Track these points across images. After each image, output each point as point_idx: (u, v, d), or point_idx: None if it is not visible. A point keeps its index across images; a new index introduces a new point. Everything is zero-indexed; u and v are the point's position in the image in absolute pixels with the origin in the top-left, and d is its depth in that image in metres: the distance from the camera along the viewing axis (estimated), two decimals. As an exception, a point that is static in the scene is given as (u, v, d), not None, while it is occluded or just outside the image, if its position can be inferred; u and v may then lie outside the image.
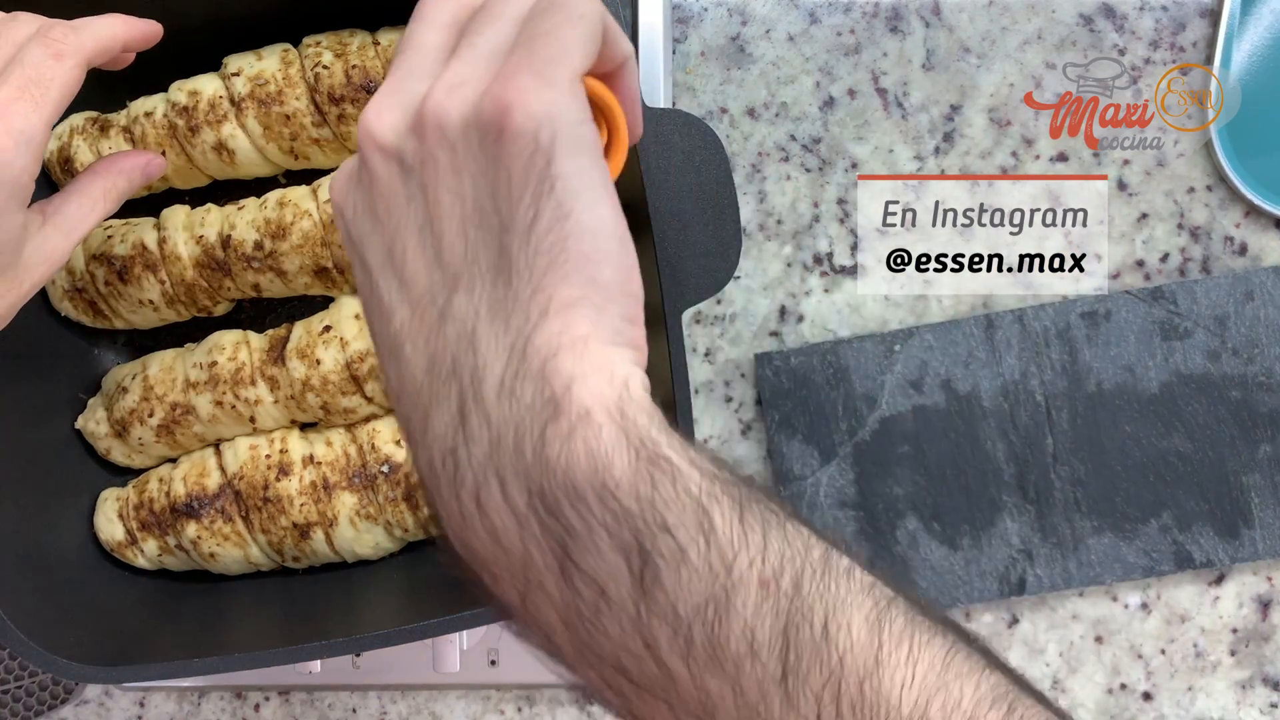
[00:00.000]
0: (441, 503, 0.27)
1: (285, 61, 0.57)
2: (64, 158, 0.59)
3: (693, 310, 0.69)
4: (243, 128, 0.57)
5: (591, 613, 0.25)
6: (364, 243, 0.28)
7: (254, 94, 0.57)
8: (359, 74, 0.56)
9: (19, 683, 0.71)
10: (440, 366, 0.25)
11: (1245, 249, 0.66)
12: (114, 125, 0.60)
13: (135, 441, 0.60)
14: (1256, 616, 0.65)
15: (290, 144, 0.57)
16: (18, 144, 0.39)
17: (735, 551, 0.25)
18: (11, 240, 0.40)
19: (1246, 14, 0.66)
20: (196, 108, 0.57)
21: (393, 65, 0.29)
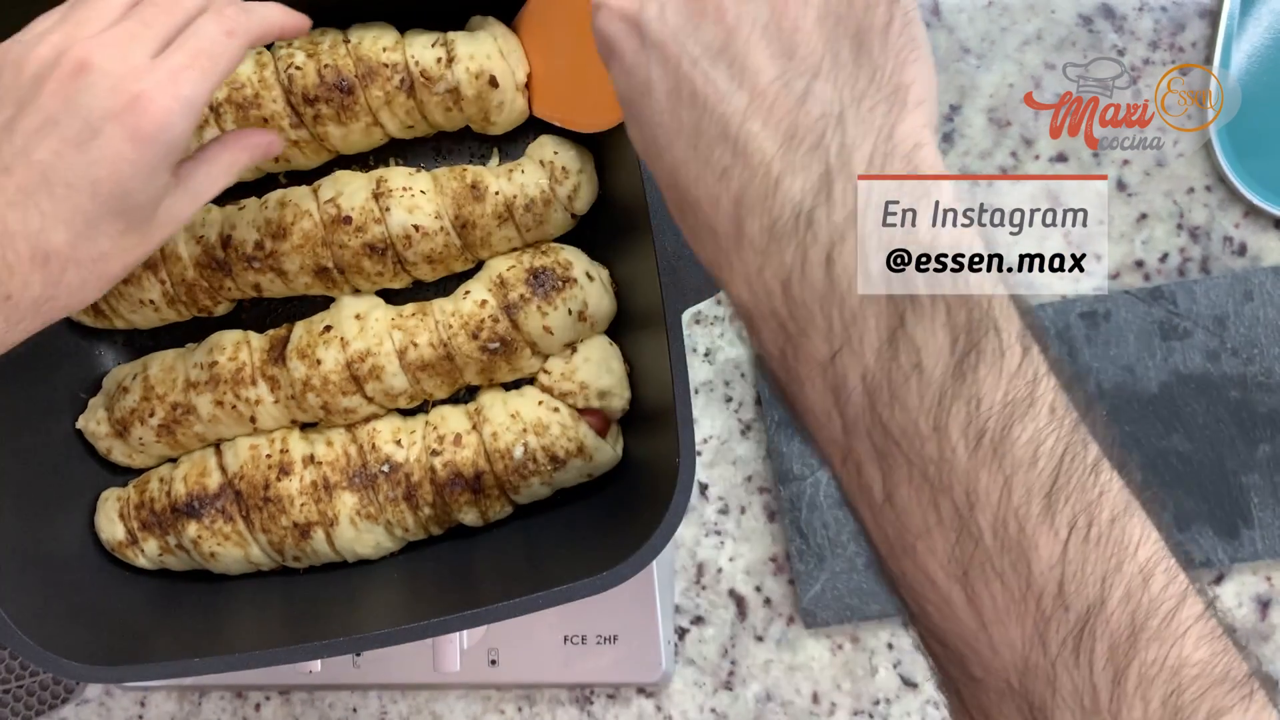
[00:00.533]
0: (769, 255, 0.29)
1: (260, 64, 0.57)
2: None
3: (693, 310, 0.69)
4: (220, 129, 0.57)
5: (900, 381, 0.27)
6: (678, 39, 0.30)
7: (231, 98, 0.57)
8: (331, 73, 0.56)
9: (20, 682, 0.71)
10: (801, 140, 0.28)
11: (1244, 249, 0.66)
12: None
13: (136, 441, 0.60)
14: (1255, 616, 0.65)
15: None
16: (184, 109, 0.40)
17: (1041, 375, 0.28)
18: (156, 198, 0.43)
19: (1246, 14, 0.66)
20: None
21: None
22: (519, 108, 0.58)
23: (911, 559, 0.29)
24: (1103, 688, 0.26)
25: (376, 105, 0.57)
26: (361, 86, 0.56)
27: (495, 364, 0.59)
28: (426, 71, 0.56)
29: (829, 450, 0.30)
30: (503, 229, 0.59)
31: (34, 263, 0.40)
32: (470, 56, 0.56)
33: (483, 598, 0.52)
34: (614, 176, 0.58)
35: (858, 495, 0.30)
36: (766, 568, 0.68)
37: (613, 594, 0.51)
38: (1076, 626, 0.27)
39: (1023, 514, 0.27)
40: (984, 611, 0.27)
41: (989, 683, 0.28)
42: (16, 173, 0.39)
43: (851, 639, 0.68)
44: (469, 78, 0.56)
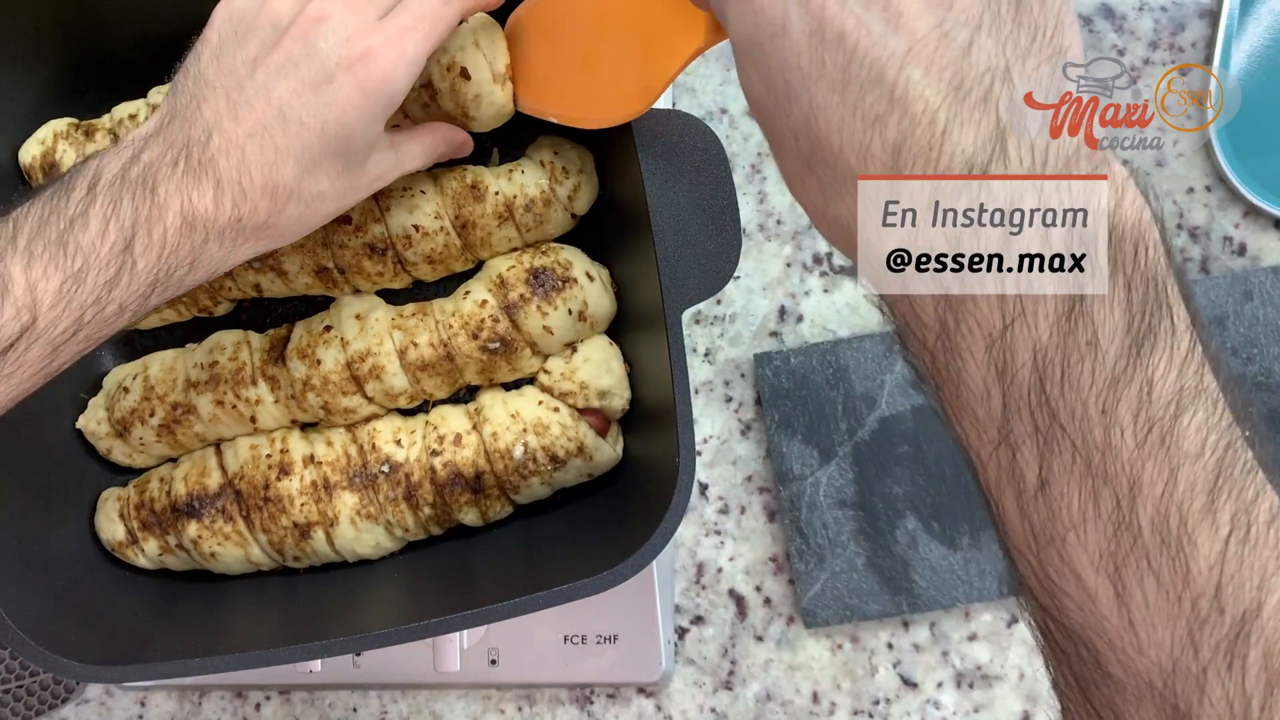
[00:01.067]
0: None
1: None
2: (49, 162, 0.59)
3: (693, 310, 0.69)
4: None
5: (1074, 360, 0.27)
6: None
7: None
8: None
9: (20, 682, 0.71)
10: (969, 92, 0.28)
11: (1244, 249, 0.67)
12: (99, 129, 0.60)
13: (136, 441, 0.61)
14: (1255, 616, 0.65)
15: None
16: (405, 65, 0.44)
17: (1208, 370, 0.27)
18: (370, 145, 0.46)
19: (1245, 14, 0.66)
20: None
21: None
22: (499, 101, 0.54)
23: (1058, 551, 0.28)
24: (1255, 696, 0.26)
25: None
26: None
27: (495, 364, 0.59)
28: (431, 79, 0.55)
29: (978, 434, 0.29)
30: (503, 229, 0.59)
31: (264, 191, 0.43)
32: (444, 49, 0.53)
33: (483, 598, 0.52)
34: (614, 176, 0.58)
35: (1005, 483, 0.28)
36: (766, 568, 0.68)
37: (613, 594, 0.51)
38: (1232, 631, 0.26)
39: (1185, 509, 0.26)
40: (1133, 610, 0.27)
41: (1128, 684, 0.27)
42: (257, 107, 0.43)
43: (851, 639, 0.68)
44: (440, 71, 0.53)
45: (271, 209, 0.44)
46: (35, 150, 0.60)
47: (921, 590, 0.65)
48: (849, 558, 0.66)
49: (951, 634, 0.67)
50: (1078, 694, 0.29)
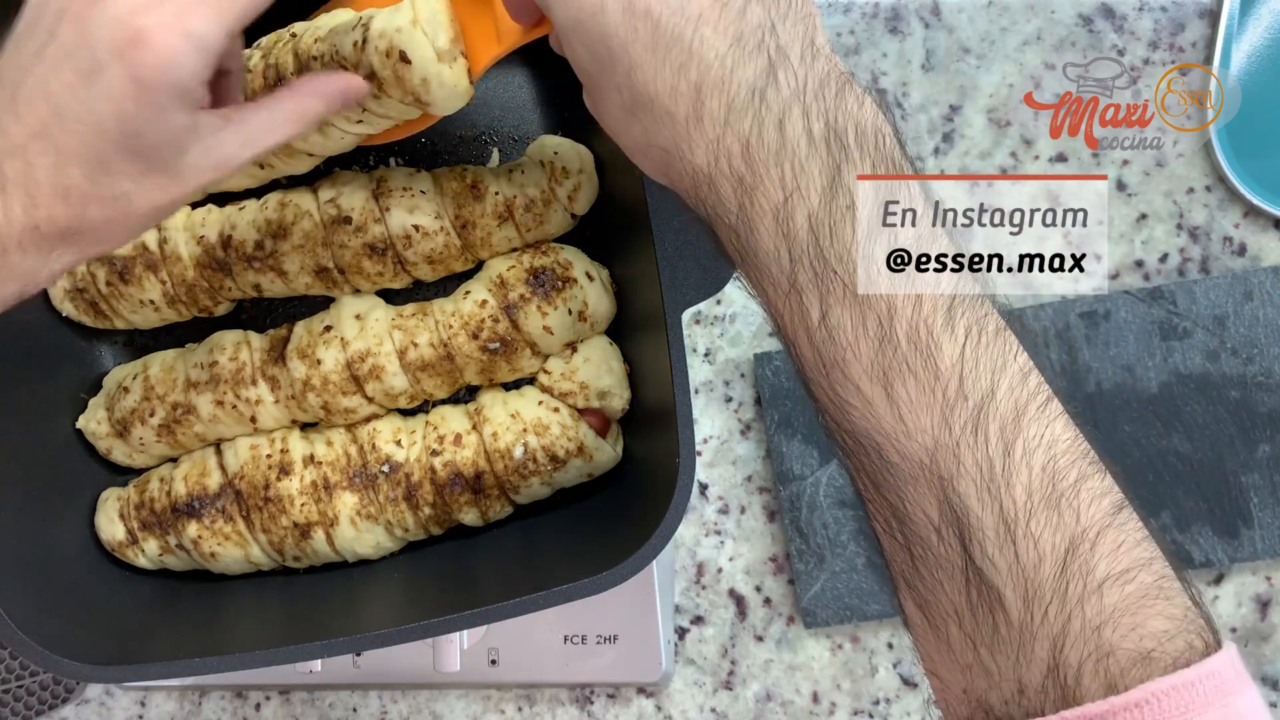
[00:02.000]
0: (729, 125, 0.36)
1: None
2: None
3: (693, 310, 0.69)
4: None
5: (838, 219, 0.35)
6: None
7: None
8: (271, 74, 0.52)
9: (20, 682, 0.71)
10: (746, 41, 0.36)
11: (1244, 249, 0.67)
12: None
13: (136, 441, 0.61)
14: (1255, 616, 0.65)
15: None
16: (190, 49, 0.38)
17: (941, 227, 0.37)
18: (176, 140, 0.40)
19: (1245, 14, 0.66)
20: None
21: None
22: (451, 81, 0.47)
23: (841, 370, 0.35)
24: (996, 459, 0.33)
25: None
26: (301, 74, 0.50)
27: (495, 364, 0.59)
28: (344, 58, 0.48)
29: (774, 288, 0.36)
30: (503, 229, 0.59)
31: (55, 196, 0.39)
32: (380, 33, 0.47)
33: (483, 598, 0.52)
34: (614, 176, 0.58)
35: (797, 324, 0.36)
36: (766, 568, 0.68)
37: (613, 594, 0.51)
38: (974, 411, 0.33)
39: (930, 322, 0.34)
40: (900, 405, 0.34)
41: (904, 467, 0.34)
42: (36, 105, 0.39)
43: (851, 639, 0.68)
44: (380, 59, 0.47)
45: (70, 214, 0.39)
46: None
47: (921, 590, 0.65)
48: (849, 558, 0.66)
49: (951, 634, 0.67)
50: (873, 491, 0.36)
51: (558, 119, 0.64)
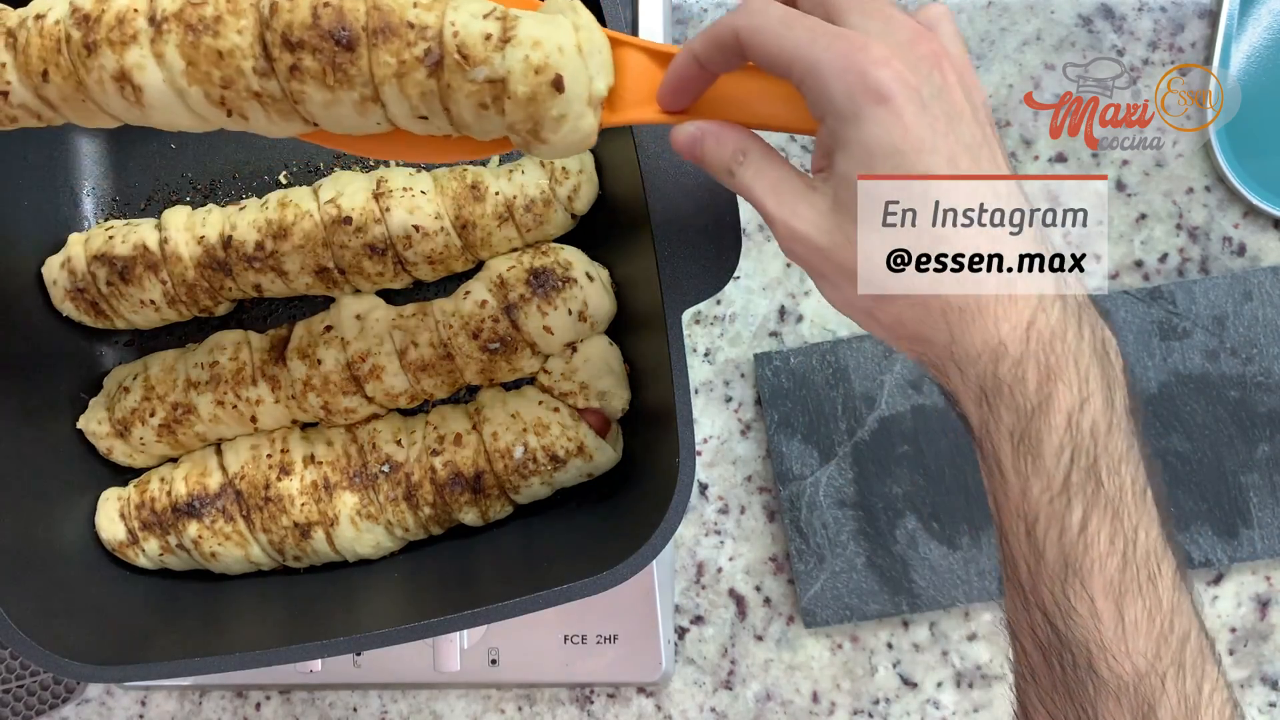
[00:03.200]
0: (1036, 320, 0.36)
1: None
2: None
3: (693, 310, 0.69)
4: (158, 58, 0.40)
5: (1114, 433, 0.36)
6: (953, 128, 0.37)
7: (183, 15, 0.40)
8: (331, 15, 0.39)
9: (20, 682, 0.71)
10: (974, 151, 0.36)
11: (1244, 249, 0.67)
12: (6, 25, 0.43)
13: (136, 441, 0.61)
14: (1255, 616, 0.65)
15: (221, 92, 0.41)
16: None
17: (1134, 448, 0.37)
18: None
19: (1245, 15, 0.66)
20: (100, 19, 0.41)
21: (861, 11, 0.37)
22: (585, 131, 0.41)
23: (1081, 579, 0.35)
24: (1191, 694, 0.35)
25: (382, 76, 0.40)
26: (368, 44, 0.39)
27: (495, 364, 0.59)
28: (466, 47, 0.39)
29: (1041, 484, 0.36)
30: (503, 229, 0.59)
31: None
32: (534, 43, 0.39)
33: (483, 598, 0.52)
34: (614, 176, 0.58)
35: (1051, 524, 0.36)
36: (766, 567, 0.68)
37: (613, 594, 0.51)
38: (1179, 645, 0.35)
39: (1158, 553, 0.36)
40: (1126, 624, 0.35)
41: (1110, 682, 0.35)
42: None
43: (851, 638, 0.68)
44: (525, 70, 0.39)
45: None
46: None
47: (921, 590, 0.65)
48: (849, 558, 0.66)
49: (951, 634, 0.67)
50: (1060, 692, 0.37)
51: (558, 119, 0.64)
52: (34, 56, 0.41)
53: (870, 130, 0.35)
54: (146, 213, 0.65)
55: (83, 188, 0.65)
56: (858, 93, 0.35)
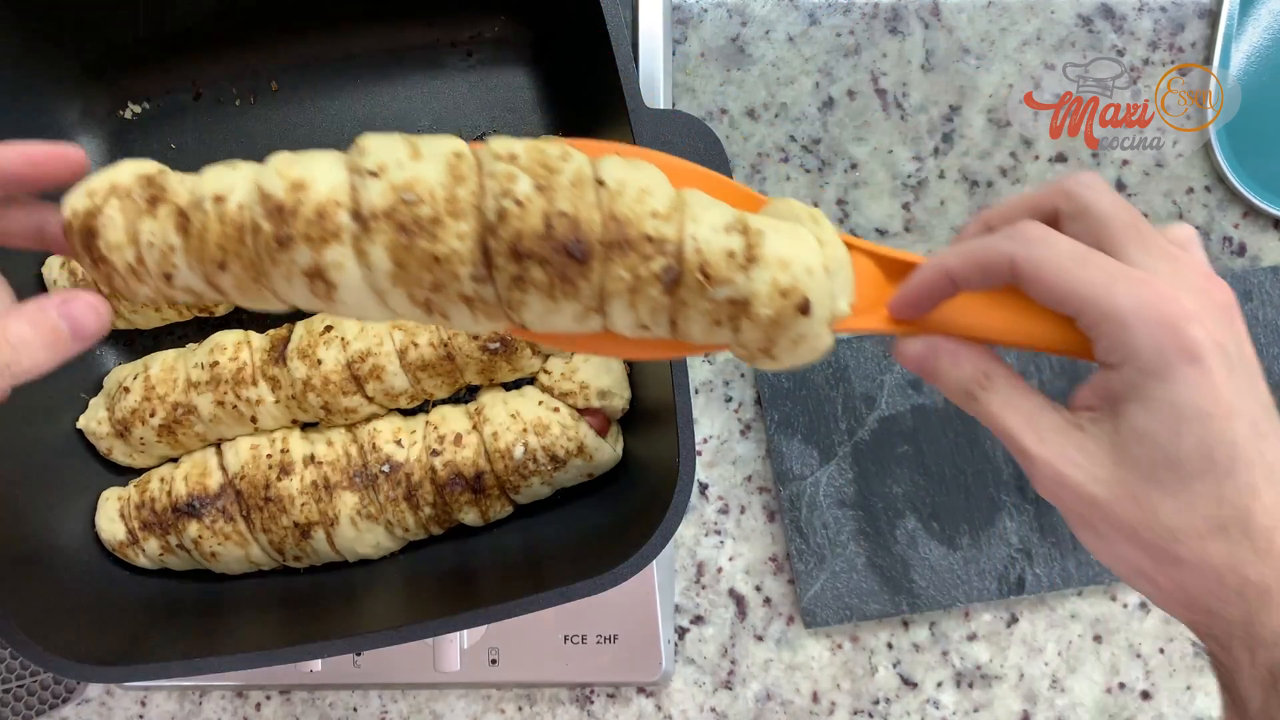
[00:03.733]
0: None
1: (455, 174, 0.35)
2: (87, 227, 0.37)
3: (693, 310, 0.69)
4: (360, 256, 0.35)
5: None
6: (1253, 394, 0.35)
7: (395, 214, 0.34)
8: (566, 226, 0.34)
9: (20, 682, 0.71)
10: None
11: (1244, 249, 0.67)
12: (168, 200, 0.37)
13: (137, 441, 0.61)
14: (1255, 616, 0.65)
15: (428, 295, 0.36)
16: None
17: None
18: None
19: (1245, 15, 0.66)
20: (296, 211, 0.35)
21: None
22: (820, 349, 0.37)
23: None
24: None
25: (613, 290, 0.35)
26: (602, 258, 0.35)
27: (495, 364, 0.59)
28: (709, 265, 0.35)
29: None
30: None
31: None
32: (782, 263, 0.35)
33: (483, 598, 0.52)
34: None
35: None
36: (766, 567, 0.68)
37: (613, 594, 0.51)
38: None
39: None
40: None
41: None
42: None
43: (851, 638, 0.68)
44: (771, 293, 0.35)
45: None
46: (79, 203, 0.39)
47: (921, 590, 0.65)
48: (849, 557, 0.66)
49: (951, 634, 0.67)
50: None
51: (558, 119, 0.64)
52: (211, 244, 0.36)
53: (1180, 390, 0.33)
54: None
55: (83, 188, 0.65)
56: (1169, 349, 0.33)
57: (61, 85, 0.63)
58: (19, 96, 0.61)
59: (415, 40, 0.64)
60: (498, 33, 0.64)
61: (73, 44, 0.62)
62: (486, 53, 0.64)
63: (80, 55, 0.62)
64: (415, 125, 0.64)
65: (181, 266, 0.36)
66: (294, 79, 0.65)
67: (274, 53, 0.65)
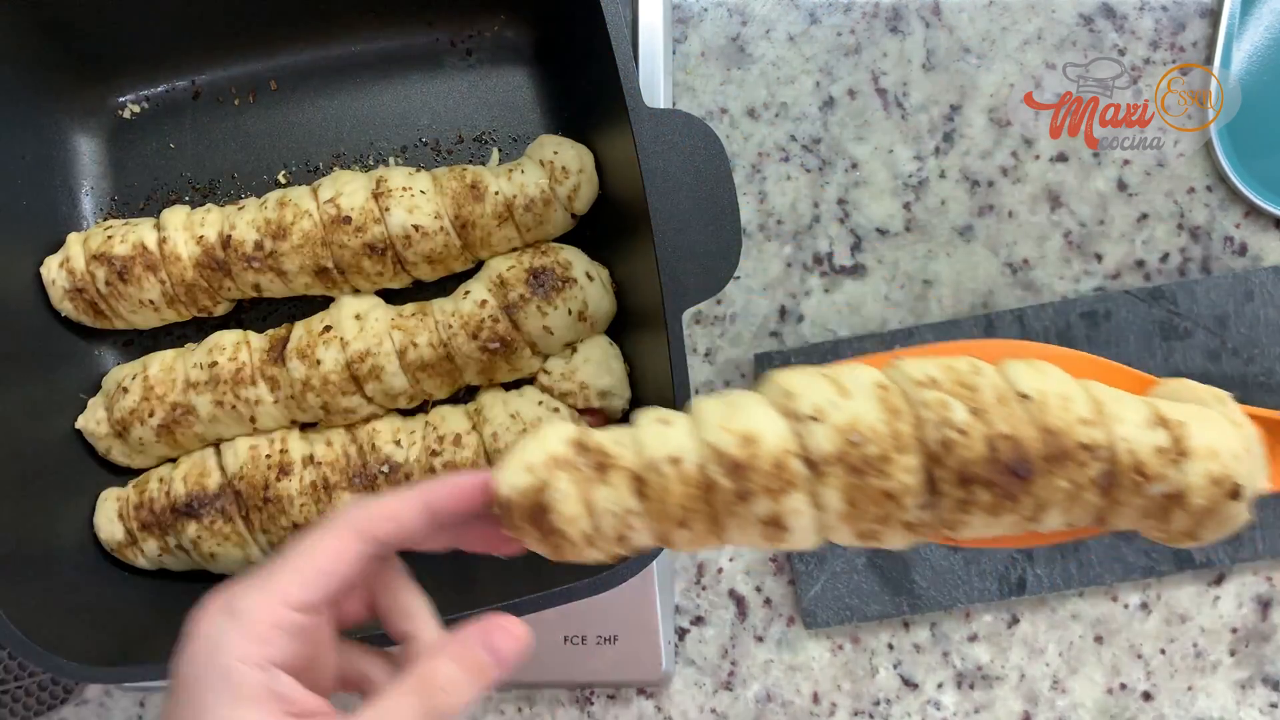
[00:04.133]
0: None
1: (890, 410, 0.37)
2: (536, 504, 0.37)
3: (693, 310, 0.69)
4: (813, 499, 0.37)
5: None
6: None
7: (844, 457, 0.36)
8: (1009, 448, 0.36)
9: (19, 683, 0.71)
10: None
11: (1245, 249, 0.66)
12: (617, 466, 0.37)
13: (135, 441, 0.60)
14: (1256, 616, 0.65)
15: (871, 526, 0.37)
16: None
17: None
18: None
19: (1246, 14, 0.66)
20: (753, 466, 0.36)
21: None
22: (1236, 525, 0.39)
23: None
24: None
25: (1051, 499, 0.37)
26: (1043, 471, 0.36)
27: (495, 364, 0.59)
28: (1143, 465, 0.37)
29: None
30: (503, 229, 0.59)
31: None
32: (1211, 452, 0.37)
33: (483, 598, 0.52)
34: (614, 176, 0.58)
35: None
36: (766, 568, 0.68)
37: (613, 594, 0.51)
38: None
39: None
40: None
41: None
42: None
43: (851, 639, 0.67)
44: (1205, 484, 0.37)
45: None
46: (519, 480, 0.38)
47: (922, 591, 0.65)
48: (849, 558, 0.66)
49: (952, 634, 0.67)
50: None
51: (558, 119, 0.64)
52: (673, 504, 0.37)
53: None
54: (145, 212, 0.65)
55: (81, 187, 0.65)
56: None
57: (61, 85, 0.63)
58: (19, 96, 0.61)
59: (415, 40, 0.64)
60: (498, 33, 0.64)
61: (72, 44, 0.61)
62: (486, 53, 0.64)
63: (80, 55, 0.62)
64: (415, 125, 0.64)
65: (639, 527, 0.37)
66: (293, 79, 0.65)
67: (273, 52, 0.65)
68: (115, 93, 0.65)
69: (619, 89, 0.49)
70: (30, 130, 0.62)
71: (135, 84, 0.65)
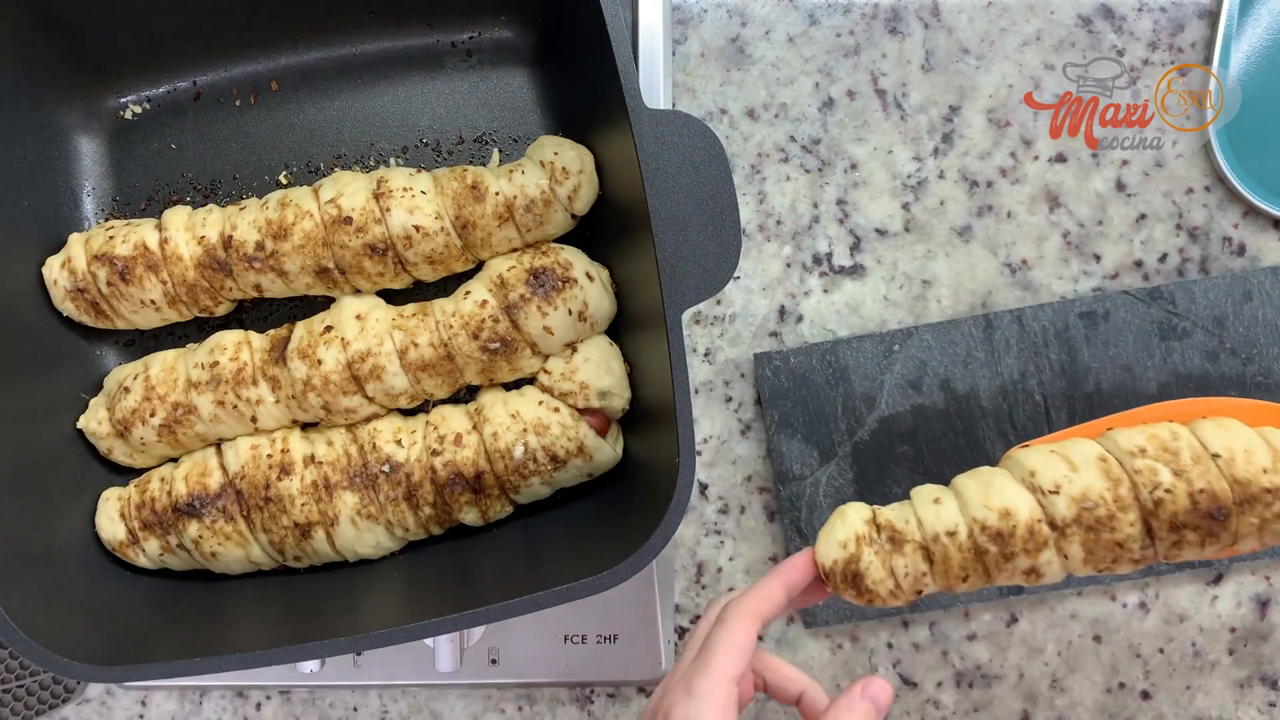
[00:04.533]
0: None
1: (1111, 478, 0.47)
2: (852, 573, 0.49)
3: (693, 310, 0.69)
4: (1059, 551, 0.47)
5: None
6: None
7: (1080, 519, 0.46)
8: (1207, 500, 0.46)
9: (20, 682, 0.71)
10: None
11: (1244, 249, 0.67)
12: (908, 540, 0.49)
13: (137, 441, 0.61)
14: (1255, 616, 0.65)
15: (1108, 565, 0.48)
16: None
17: None
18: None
19: (1245, 15, 0.66)
20: (1013, 534, 0.47)
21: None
22: None
23: None
24: None
25: (1245, 532, 0.47)
26: (1236, 513, 0.47)
27: (496, 364, 0.59)
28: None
29: None
30: (503, 229, 0.59)
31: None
32: None
33: (483, 598, 0.52)
34: (614, 176, 0.58)
35: None
36: (766, 567, 0.68)
37: (613, 594, 0.51)
38: None
39: None
40: None
41: None
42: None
43: (851, 639, 0.68)
44: None
45: None
46: (833, 554, 0.50)
47: (921, 590, 0.65)
48: (849, 557, 0.66)
49: (951, 634, 0.67)
50: None
51: (558, 119, 0.64)
52: (954, 566, 0.48)
53: None
54: (147, 213, 0.65)
55: (83, 188, 0.65)
56: None
57: (61, 85, 0.63)
58: (21, 97, 0.61)
59: (415, 40, 0.64)
60: (498, 33, 0.64)
61: (73, 44, 0.62)
62: (486, 53, 0.64)
63: (80, 55, 0.62)
64: (416, 126, 0.65)
65: (931, 584, 0.49)
66: (295, 79, 0.65)
67: (275, 53, 0.65)
68: (117, 93, 0.65)
69: (619, 90, 0.49)
70: (32, 131, 0.62)
71: (137, 85, 0.65)
